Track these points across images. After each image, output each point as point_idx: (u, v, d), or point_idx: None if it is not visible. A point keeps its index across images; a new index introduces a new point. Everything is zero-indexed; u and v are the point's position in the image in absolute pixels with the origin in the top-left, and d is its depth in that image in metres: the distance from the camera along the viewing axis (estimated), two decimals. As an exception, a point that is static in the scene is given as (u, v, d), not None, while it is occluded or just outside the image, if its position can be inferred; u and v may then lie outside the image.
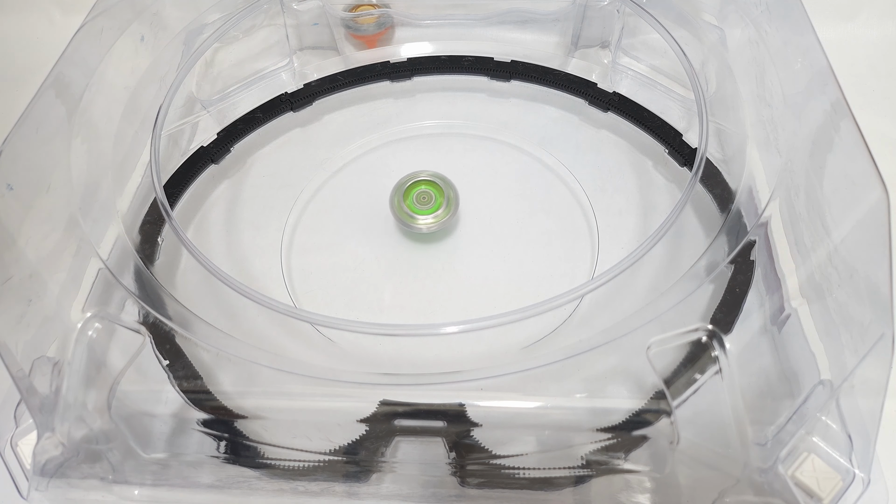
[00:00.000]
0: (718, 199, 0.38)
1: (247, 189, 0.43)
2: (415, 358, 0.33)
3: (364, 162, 0.45)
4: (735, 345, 0.29)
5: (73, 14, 0.57)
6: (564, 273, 0.38)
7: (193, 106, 0.46)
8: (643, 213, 0.40)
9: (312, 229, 0.41)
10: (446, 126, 0.46)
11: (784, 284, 0.32)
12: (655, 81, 0.45)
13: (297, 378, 0.29)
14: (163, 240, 0.38)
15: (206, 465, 0.31)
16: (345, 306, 0.38)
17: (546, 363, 0.28)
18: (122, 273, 0.33)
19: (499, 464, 0.29)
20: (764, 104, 0.36)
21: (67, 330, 0.31)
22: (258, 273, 0.39)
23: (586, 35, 0.47)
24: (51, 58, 0.37)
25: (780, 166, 0.33)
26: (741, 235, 0.32)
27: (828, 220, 0.30)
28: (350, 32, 0.48)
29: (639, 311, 0.29)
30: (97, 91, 0.38)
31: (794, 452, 0.28)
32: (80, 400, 0.30)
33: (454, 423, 0.29)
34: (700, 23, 0.42)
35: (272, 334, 0.35)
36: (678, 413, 0.28)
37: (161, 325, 0.31)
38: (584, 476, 0.29)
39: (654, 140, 0.43)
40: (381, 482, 0.30)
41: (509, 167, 0.44)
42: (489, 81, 0.48)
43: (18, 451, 0.31)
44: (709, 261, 0.31)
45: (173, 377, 0.31)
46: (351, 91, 0.48)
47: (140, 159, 0.40)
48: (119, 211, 0.36)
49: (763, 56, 0.37)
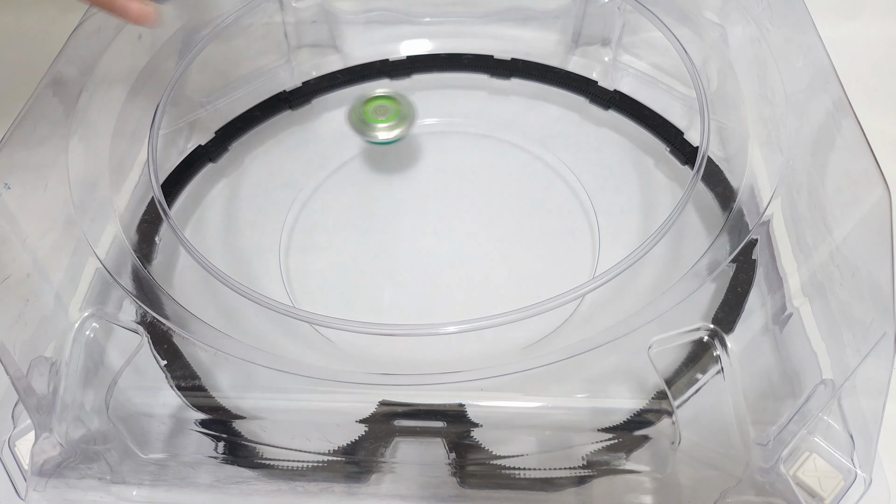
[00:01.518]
0: (720, 198, 0.37)
1: (245, 188, 0.43)
2: (414, 358, 0.33)
3: (363, 161, 0.44)
4: (737, 344, 0.29)
5: (70, 12, 0.56)
6: (565, 272, 0.38)
7: (191, 104, 0.46)
8: (644, 212, 0.40)
9: (311, 228, 0.41)
10: (446, 124, 0.46)
11: (786, 283, 0.31)
12: (656, 79, 0.45)
13: (296, 378, 0.29)
14: (160, 239, 0.38)
15: (204, 466, 0.31)
16: (344, 306, 0.37)
17: (547, 363, 0.28)
18: (119, 272, 0.33)
19: (499, 464, 0.29)
20: (765, 102, 0.36)
21: (65, 329, 0.31)
22: (256, 272, 0.39)
23: (587, 32, 0.47)
24: (48, 56, 0.37)
25: (782, 165, 0.33)
26: (743, 234, 0.32)
27: (829, 218, 0.30)
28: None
29: (640, 310, 0.29)
30: (95, 90, 0.38)
31: (796, 452, 0.28)
32: (77, 400, 0.30)
33: (454, 424, 0.29)
34: (701, 20, 0.41)
35: (270, 334, 0.34)
36: (680, 413, 0.28)
37: (159, 325, 0.31)
38: (585, 476, 0.29)
39: (655, 138, 0.43)
40: (380, 483, 0.30)
41: (509, 166, 0.43)
42: (489, 79, 0.48)
43: (16, 451, 0.31)
44: (710, 260, 0.31)
45: (171, 377, 0.31)
46: (350, 89, 0.48)
47: (138, 158, 0.40)
48: (117, 210, 0.35)
49: (765, 54, 0.37)
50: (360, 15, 0.49)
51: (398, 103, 0.41)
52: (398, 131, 0.40)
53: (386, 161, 0.44)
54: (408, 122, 0.40)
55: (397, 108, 0.41)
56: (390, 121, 0.40)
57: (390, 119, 0.40)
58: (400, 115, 0.40)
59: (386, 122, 0.40)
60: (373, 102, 0.41)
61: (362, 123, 0.40)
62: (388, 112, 0.41)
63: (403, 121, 0.40)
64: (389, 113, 0.40)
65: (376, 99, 0.41)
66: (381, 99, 0.41)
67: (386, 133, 0.40)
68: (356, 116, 0.41)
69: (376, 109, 0.41)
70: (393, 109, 0.41)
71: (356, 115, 0.41)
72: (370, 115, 0.41)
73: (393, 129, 0.40)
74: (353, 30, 0.50)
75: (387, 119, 0.40)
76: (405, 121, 0.40)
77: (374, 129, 0.40)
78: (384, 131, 0.40)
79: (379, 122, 0.40)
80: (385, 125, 0.40)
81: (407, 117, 0.41)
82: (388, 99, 0.41)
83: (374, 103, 0.41)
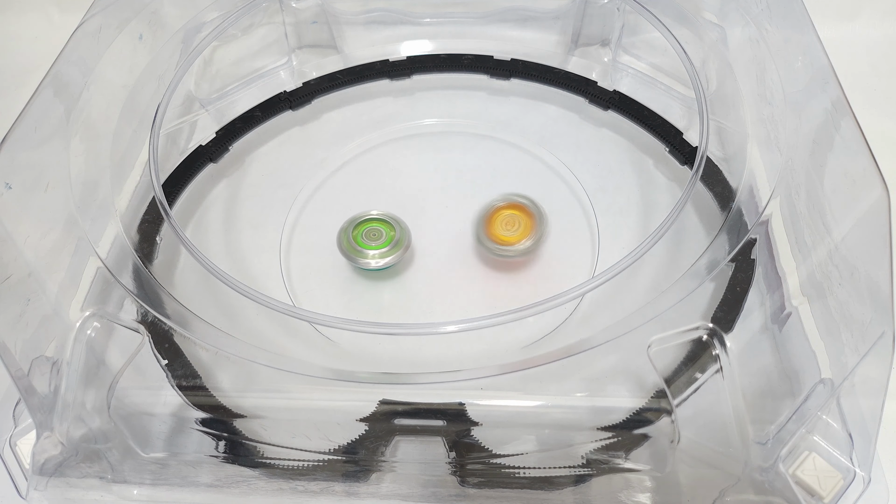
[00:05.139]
0: (719, 198, 0.37)
1: (246, 188, 0.43)
2: (414, 357, 0.33)
3: (363, 161, 0.44)
4: (736, 343, 0.29)
5: (71, 13, 0.57)
6: (564, 272, 0.38)
7: (192, 104, 0.46)
8: (643, 212, 0.40)
9: (311, 228, 0.41)
10: (446, 125, 0.46)
11: (785, 283, 0.32)
12: (656, 80, 0.45)
13: (297, 377, 0.29)
14: (161, 239, 0.38)
15: (205, 465, 0.31)
16: (344, 305, 0.38)
17: (546, 362, 0.28)
18: (120, 272, 0.33)
19: (499, 463, 0.29)
20: (764, 102, 0.36)
21: (66, 329, 0.31)
22: (257, 272, 0.39)
23: (587, 33, 0.47)
24: (49, 56, 0.37)
25: (781, 165, 0.33)
26: (742, 234, 0.32)
27: (828, 218, 0.30)
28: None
29: (639, 309, 0.29)
30: (95, 90, 0.38)
31: (795, 451, 0.28)
32: (78, 399, 0.30)
33: (454, 423, 0.29)
34: (701, 21, 0.42)
35: (271, 333, 0.35)
36: (679, 412, 0.28)
37: (160, 324, 0.31)
38: (584, 475, 0.29)
39: (654, 138, 0.43)
40: (380, 482, 0.30)
41: (509, 166, 0.43)
42: (489, 80, 0.48)
43: (17, 450, 0.31)
44: (709, 259, 0.31)
45: (172, 376, 0.31)
46: (350, 89, 0.48)
47: (138, 158, 0.40)
48: (118, 210, 0.35)
49: (764, 54, 0.37)
50: (361, 15, 0.49)
51: (391, 227, 0.38)
52: (390, 258, 0.37)
53: (386, 161, 0.44)
54: (402, 248, 0.37)
55: (391, 234, 0.37)
56: (382, 247, 0.37)
57: (383, 245, 0.37)
58: (393, 240, 0.37)
59: (378, 248, 0.37)
60: (364, 226, 0.38)
61: (352, 249, 0.37)
62: (380, 237, 0.37)
63: (396, 247, 0.37)
64: (382, 238, 0.37)
65: (368, 222, 0.38)
66: (374, 222, 0.38)
67: (377, 261, 0.37)
68: (346, 240, 0.37)
69: (367, 234, 0.37)
70: (385, 235, 0.37)
71: (346, 239, 0.37)
72: (361, 240, 0.37)
73: (385, 257, 0.37)
74: (353, 30, 0.50)
75: (379, 245, 0.37)
76: (398, 247, 0.37)
77: (365, 255, 0.37)
78: (376, 258, 0.37)
79: (370, 248, 0.37)
80: (377, 252, 0.37)
81: (400, 243, 0.37)
82: (381, 222, 0.38)
83: (366, 227, 0.38)
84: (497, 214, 0.38)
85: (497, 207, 0.38)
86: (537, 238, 0.37)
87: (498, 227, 0.37)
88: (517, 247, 0.37)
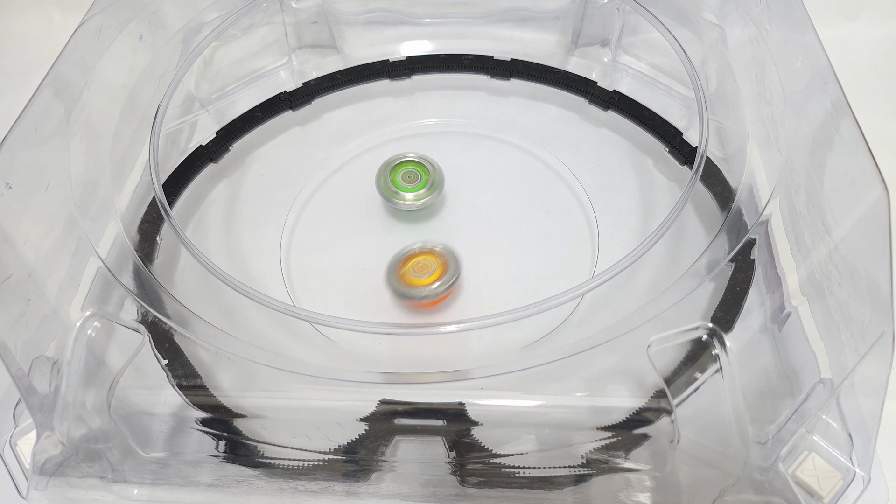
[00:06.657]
0: (719, 198, 0.37)
1: (246, 188, 0.43)
2: (414, 357, 0.33)
3: (363, 161, 0.44)
4: (735, 343, 0.29)
5: (71, 13, 0.57)
6: (564, 272, 0.38)
7: (192, 105, 0.46)
8: (643, 212, 0.40)
9: (312, 228, 0.41)
10: (446, 125, 0.46)
11: (784, 283, 0.32)
12: (656, 80, 0.45)
13: (297, 377, 0.29)
14: (161, 239, 0.38)
15: (205, 465, 0.31)
16: (344, 305, 0.38)
17: (546, 362, 0.28)
18: (120, 272, 0.33)
19: (499, 463, 0.29)
20: (764, 103, 0.36)
21: (66, 329, 0.31)
22: (257, 272, 0.39)
23: (586, 33, 0.47)
24: (49, 57, 0.37)
25: (781, 165, 0.33)
26: (741, 234, 0.32)
27: (828, 218, 0.30)
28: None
29: (639, 309, 0.29)
30: (96, 90, 0.38)
31: (795, 451, 0.28)
32: (79, 399, 0.30)
33: (454, 422, 0.29)
34: (700, 21, 0.42)
35: (271, 333, 0.35)
36: (679, 411, 0.28)
37: (160, 324, 0.31)
38: (584, 475, 0.29)
39: (654, 138, 0.43)
40: (380, 481, 0.30)
41: (509, 166, 0.44)
42: (489, 80, 0.48)
43: (18, 450, 0.31)
44: (709, 259, 0.31)
45: (172, 376, 0.31)
46: (350, 90, 0.48)
47: (139, 158, 0.40)
48: (118, 210, 0.35)
49: (763, 54, 0.37)
50: (361, 15, 0.49)
51: (427, 170, 0.40)
52: (425, 200, 0.40)
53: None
54: (437, 190, 0.40)
55: (425, 177, 0.40)
56: (419, 188, 0.40)
57: (419, 188, 0.40)
58: (429, 182, 0.40)
59: (413, 190, 0.40)
60: (401, 168, 0.40)
61: (390, 191, 0.40)
62: (417, 179, 0.40)
63: (432, 189, 0.40)
64: (418, 181, 0.40)
65: (405, 164, 0.41)
66: (410, 164, 0.41)
67: (414, 202, 0.39)
68: (384, 182, 0.40)
69: (405, 176, 0.40)
70: (421, 177, 0.40)
71: (384, 181, 0.40)
72: (399, 182, 0.40)
73: (420, 199, 0.39)
74: (353, 30, 0.50)
75: (415, 188, 0.40)
76: (434, 189, 0.40)
77: (402, 197, 0.39)
78: (413, 200, 0.39)
79: (407, 189, 0.40)
80: (413, 193, 0.40)
81: (435, 185, 0.40)
82: (416, 164, 0.41)
83: (402, 169, 0.40)
84: (409, 261, 0.37)
85: (409, 254, 0.37)
86: (449, 282, 0.36)
87: (409, 273, 0.36)
88: (429, 289, 0.36)
